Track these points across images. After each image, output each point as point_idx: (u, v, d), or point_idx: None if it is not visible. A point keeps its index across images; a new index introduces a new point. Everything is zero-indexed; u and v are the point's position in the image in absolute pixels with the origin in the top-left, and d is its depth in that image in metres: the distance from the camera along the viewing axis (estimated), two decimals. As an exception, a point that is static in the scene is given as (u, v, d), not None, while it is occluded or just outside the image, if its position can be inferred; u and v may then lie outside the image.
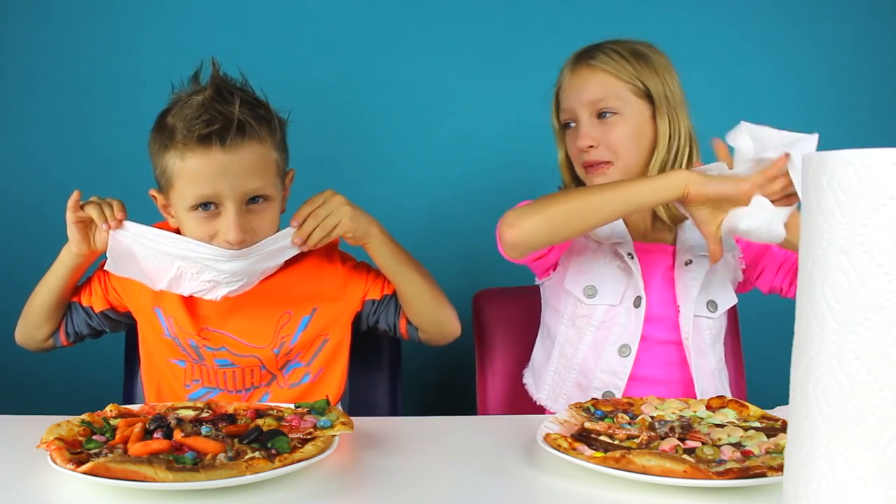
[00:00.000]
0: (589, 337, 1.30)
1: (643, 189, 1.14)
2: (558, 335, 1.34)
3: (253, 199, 1.15)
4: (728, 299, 1.32)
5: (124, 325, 1.33)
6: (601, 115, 1.28)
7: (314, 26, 1.83)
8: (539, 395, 1.35)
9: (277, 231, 1.18)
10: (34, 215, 1.82)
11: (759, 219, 1.06)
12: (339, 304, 1.29)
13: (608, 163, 1.28)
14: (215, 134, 1.09)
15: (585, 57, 1.31)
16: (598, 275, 1.29)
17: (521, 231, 1.17)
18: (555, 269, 1.34)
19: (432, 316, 1.28)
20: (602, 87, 1.28)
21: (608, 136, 1.27)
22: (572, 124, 1.31)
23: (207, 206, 1.13)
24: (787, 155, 1.05)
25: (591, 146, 1.28)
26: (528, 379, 1.40)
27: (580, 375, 1.30)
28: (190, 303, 1.24)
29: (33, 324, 1.26)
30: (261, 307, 1.25)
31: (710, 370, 1.31)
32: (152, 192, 1.22)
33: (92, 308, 1.28)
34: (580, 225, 1.17)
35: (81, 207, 1.16)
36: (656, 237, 1.33)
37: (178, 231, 1.19)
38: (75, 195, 1.16)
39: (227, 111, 1.11)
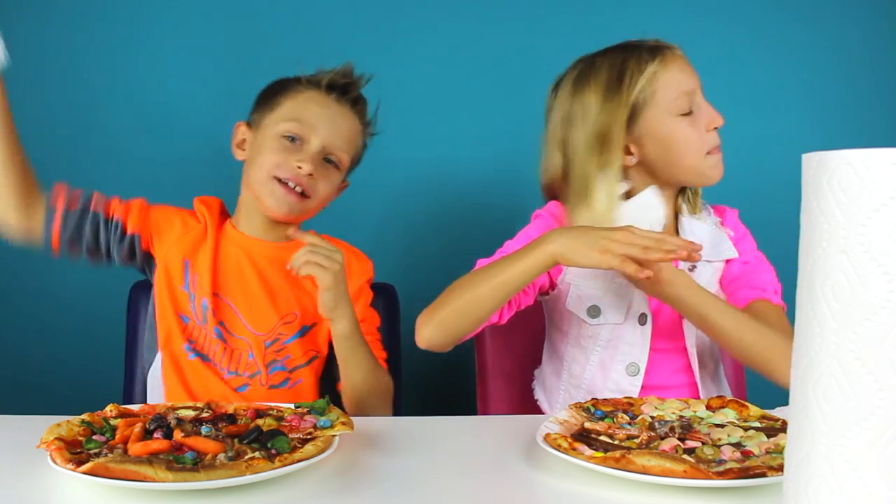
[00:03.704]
0: (596, 357, 1.28)
1: (513, 273, 1.13)
2: (565, 354, 1.33)
3: (328, 160, 1.30)
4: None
5: (125, 261, 1.29)
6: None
7: (313, 26, 1.83)
8: (553, 412, 1.33)
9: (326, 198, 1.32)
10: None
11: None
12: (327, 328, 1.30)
13: (720, 144, 1.25)
14: (338, 87, 1.31)
15: (669, 48, 1.26)
16: (601, 294, 1.27)
17: (424, 340, 1.18)
18: (552, 290, 1.32)
19: (356, 406, 1.27)
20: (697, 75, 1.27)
21: None
22: (690, 111, 1.24)
23: (294, 139, 1.28)
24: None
25: (723, 123, 1.24)
26: (540, 395, 1.39)
27: (589, 394, 1.28)
28: (218, 265, 1.29)
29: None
30: (275, 294, 1.29)
31: (710, 373, 1.31)
32: (239, 123, 1.35)
33: (124, 224, 1.26)
34: (469, 321, 1.17)
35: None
36: None
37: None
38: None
39: (352, 79, 1.33)
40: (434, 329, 1.17)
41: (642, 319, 1.26)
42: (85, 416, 0.93)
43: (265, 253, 1.32)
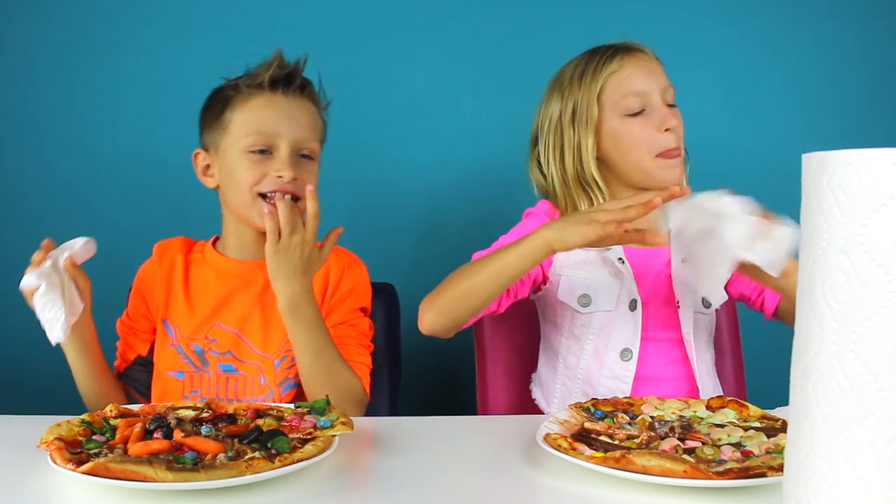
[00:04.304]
0: (590, 345, 1.29)
1: (510, 261, 1.14)
2: (560, 347, 1.34)
3: (301, 155, 1.26)
4: (721, 297, 1.34)
5: None
6: (668, 105, 1.28)
7: (312, 26, 1.83)
8: (549, 408, 1.35)
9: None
10: (34, 215, 1.82)
11: (769, 253, 1.04)
12: None
13: (678, 148, 1.28)
14: (281, 80, 1.24)
15: (634, 48, 1.29)
16: (591, 282, 1.29)
17: (426, 325, 1.20)
18: (545, 284, 1.34)
19: (310, 397, 1.21)
20: (665, 76, 1.29)
21: (679, 123, 1.27)
22: (641, 111, 1.27)
23: (263, 151, 1.23)
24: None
25: (675, 125, 1.25)
26: (537, 393, 1.40)
27: (585, 384, 1.30)
28: (206, 303, 1.27)
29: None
30: (277, 313, 1.25)
31: (706, 367, 1.32)
32: (196, 151, 1.30)
33: (140, 355, 1.31)
34: (469, 307, 1.19)
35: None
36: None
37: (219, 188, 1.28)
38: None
39: (292, 67, 1.26)
40: (435, 315, 1.19)
41: (632, 306, 1.28)
42: (85, 416, 0.93)
43: (259, 273, 1.28)
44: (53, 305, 1.10)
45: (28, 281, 1.09)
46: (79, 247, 1.13)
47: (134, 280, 1.34)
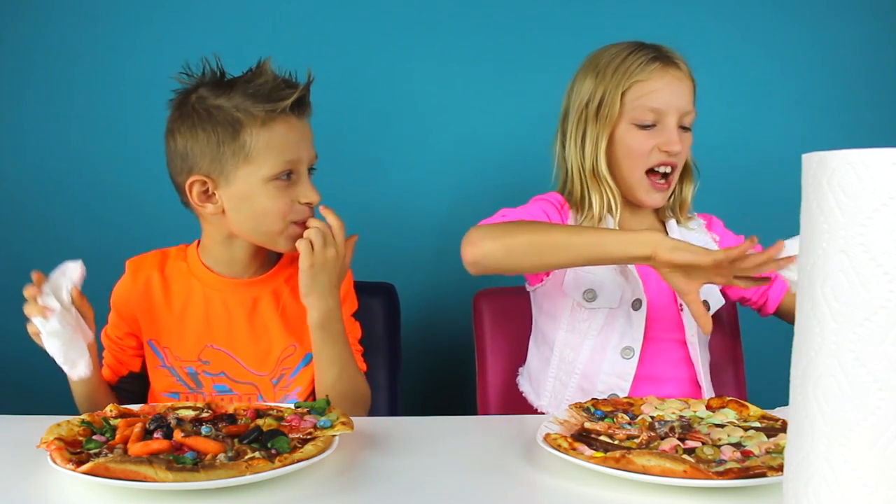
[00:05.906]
0: (590, 341, 1.29)
1: (611, 242, 1.11)
2: (556, 340, 1.33)
3: (309, 170, 1.23)
4: (718, 300, 1.34)
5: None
6: (681, 127, 1.27)
7: (315, 26, 1.83)
8: (539, 402, 1.35)
9: None
10: (34, 215, 1.82)
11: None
12: None
13: (667, 182, 1.29)
14: (296, 104, 1.18)
15: (672, 62, 1.27)
16: (597, 278, 1.28)
17: (478, 251, 1.15)
18: (548, 275, 1.33)
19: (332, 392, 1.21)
20: (690, 100, 1.28)
21: (684, 149, 1.27)
22: (652, 125, 1.27)
23: (288, 174, 1.18)
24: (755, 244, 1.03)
25: (677, 152, 1.26)
26: (525, 386, 1.39)
27: (583, 380, 1.29)
28: (195, 323, 1.24)
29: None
30: (269, 333, 1.25)
31: (706, 369, 1.33)
32: (194, 178, 1.17)
33: (134, 371, 1.29)
34: (539, 261, 1.16)
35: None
36: None
37: (222, 213, 1.19)
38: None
39: (298, 85, 1.19)
40: (499, 249, 1.14)
41: (636, 305, 1.28)
42: (85, 416, 0.93)
43: (248, 290, 1.26)
44: (76, 345, 1.07)
45: (53, 328, 1.05)
46: (77, 274, 1.08)
47: (111, 299, 1.28)
